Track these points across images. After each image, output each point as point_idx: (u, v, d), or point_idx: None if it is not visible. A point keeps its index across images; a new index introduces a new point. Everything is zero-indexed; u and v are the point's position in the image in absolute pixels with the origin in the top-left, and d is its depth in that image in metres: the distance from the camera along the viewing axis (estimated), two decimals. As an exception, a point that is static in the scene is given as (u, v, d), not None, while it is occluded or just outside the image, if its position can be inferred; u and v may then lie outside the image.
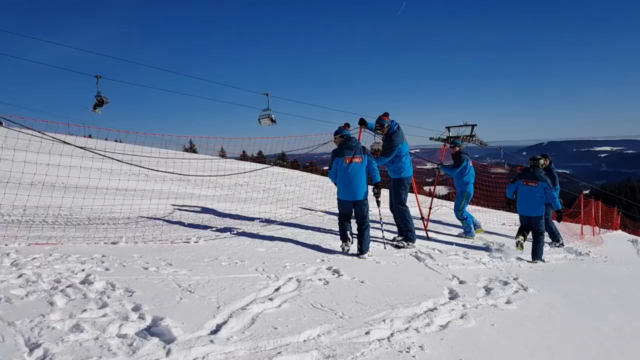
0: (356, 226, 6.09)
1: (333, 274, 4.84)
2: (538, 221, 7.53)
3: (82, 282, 3.66)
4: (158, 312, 3.27)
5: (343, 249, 5.97)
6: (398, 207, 6.85)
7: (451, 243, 7.78)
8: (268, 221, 7.29)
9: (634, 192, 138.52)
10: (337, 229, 7.22)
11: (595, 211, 13.58)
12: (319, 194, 11.18)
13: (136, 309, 3.30)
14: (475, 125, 48.71)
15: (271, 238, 6.17)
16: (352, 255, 5.83)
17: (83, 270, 3.97)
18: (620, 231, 19.15)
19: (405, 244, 6.73)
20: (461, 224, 8.87)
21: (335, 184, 6.18)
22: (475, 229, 8.79)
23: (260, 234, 6.40)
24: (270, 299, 3.80)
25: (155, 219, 6.82)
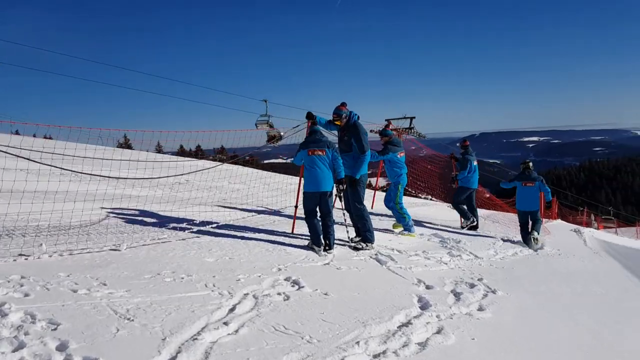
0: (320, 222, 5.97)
1: (293, 286, 4.35)
2: (536, 213, 9.18)
3: (-8, 316, 2.98)
4: (89, 350, 2.68)
5: (319, 254, 5.72)
6: (356, 207, 6.43)
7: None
8: (213, 224, 6.67)
9: (560, 180, 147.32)
10: (290, 231, 6.78)
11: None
12: (267, 192, 10.59)
13: (62, 347, 2.69)
14: (414, 117, 49.78)
15: (220, 245, 5.58)
16: (310, 260, 5.38)
17: (-7, 298, 3.27)
18: (559, 220, 19.86)
19: (364, 245, 6.34)
20: (393, 215, 8.49)
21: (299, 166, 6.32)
22: (408, 232, 8.24)
23: (207, 240, 5.78)
24: (225, 323, 3.27)
25: (84, 226, 6.04)
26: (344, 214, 6.71)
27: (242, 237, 6.13)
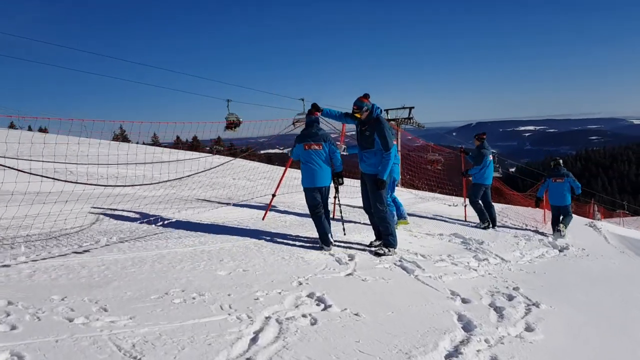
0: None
1: (318, 305, 3.84)
2: (567, 208, 9.73)
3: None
4: (89, 406, 2.16)
5: (324, 250, 5.67)
6: (378, 208, 5.90)
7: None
8: (221, 227, 6.16)
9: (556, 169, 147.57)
10: (304, 234, 6.30)
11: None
12: (273, 188, 10.05)
13: (54, 401, 2.18)
14: (413, 107, 49.13)
15: (231, 253, 5.06)
16: (331, 269, 4.87)
17: (-27, 334, 2.75)
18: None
19: (386, 250, 5.84)
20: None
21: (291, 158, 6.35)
22: (398, 219, 7.92)
23: (216, 247, 5.26)
24: (249, 360, 2.76)
25: (78, 231, 5.50)
26: (340, 210, 6.72)
27: (254, 243, 5.62)
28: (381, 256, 5.74)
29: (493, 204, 9.94)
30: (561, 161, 10.21)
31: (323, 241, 5.73)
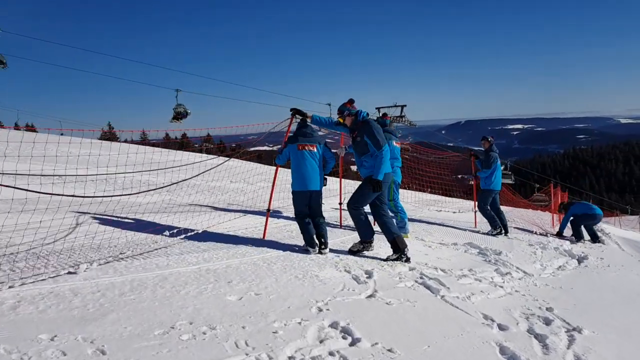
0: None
1: (345, 338, 3.38)
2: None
3: None
4: None
5: (310, 253, 5.66)
6: (351, 206, 5.83)
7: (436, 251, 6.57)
8: (227, 241, 5.69)
9: (545, 168, 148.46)
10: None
11: (555, 199, 13.09)
12: (275, 192, 9.56)
13: None
14: (405, 105, 48.79)
15: (239, 272, 4.57)
16: (350, 290, 4.42)
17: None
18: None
19: (360, 246, 5.94)
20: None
21: (278, 166, 6.19)
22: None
23: (223, 266, 4.75)
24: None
25: (68, 247, 4.98)
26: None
27: (262, 259, 5.14)
28: (356, 254, 5.83)
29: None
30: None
31: (307, 243, 5.73)
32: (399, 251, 5.69)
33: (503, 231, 8.93)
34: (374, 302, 4.22)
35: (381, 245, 6.10)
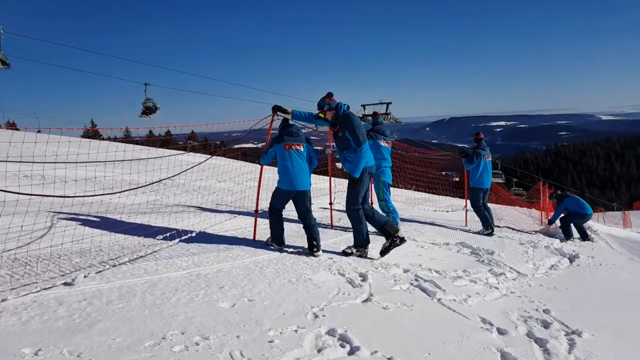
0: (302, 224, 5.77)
1: (343, 346, 3.26)
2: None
3: None
4: None
5: (271, 247, 5.68)
6: (349, 207, 5.75)
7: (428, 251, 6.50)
8: (217, 243, 5.53)
9: (527, 164, 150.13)
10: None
11: (544, 197, 13.14)
12: (263, 192, 9.42)
13: None
14: (390, 103, 48.78)
15: (231, 277, 4.42)
16: (345, 294, 4.31)
17: None
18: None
19: (354, 250, 5.82)
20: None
21: (261, 165, 6.04)
22: None
23: (214, 270, 4.59)
24: None
25: (51, 251, 4.78)
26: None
27: (254, 262, 5.00)
28: (349, 255, 5.68)
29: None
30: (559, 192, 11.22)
31: (274, 240, 5.72)
32: (390, 236, 5.68)
33: (492, 227, 8.89)
34: (371, 307, 4.12)
35: (374, 247, 5.99)
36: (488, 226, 8.80)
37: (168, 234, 5.72)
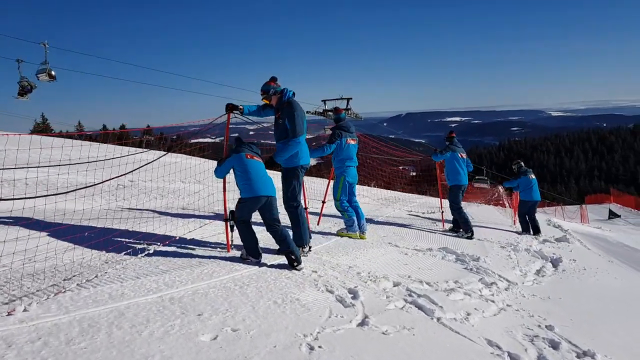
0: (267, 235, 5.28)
1: (348, 387, 2.83)
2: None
3: None
4: None
5: (246, 259, 5.15)
6: (288, 203, 5.54)
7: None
8: (189, 257, 4.99)
9: (482, 159, 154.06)
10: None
11: (515, 203, 13.07)
12: (230, 193, 8.85)
13: None
14: (351, 98, 48.69)
15: (210, 301, 3.88)
16: (338, 317, 3.87)
17: None
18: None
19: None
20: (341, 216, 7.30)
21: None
22: (357, 231, 7.16)
23: (189, 293, 4.03)
24: None
25: None
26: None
27: (233, 280, 4.48)
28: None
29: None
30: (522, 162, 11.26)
31: (249, 252, 5.17)
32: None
33: (471, 231, 8.66)
34: (369, 333, 3.70)
35: (351, 251, 5.58)
36: (468, 230, 8.56)
37: (132, 248, 5.11)
